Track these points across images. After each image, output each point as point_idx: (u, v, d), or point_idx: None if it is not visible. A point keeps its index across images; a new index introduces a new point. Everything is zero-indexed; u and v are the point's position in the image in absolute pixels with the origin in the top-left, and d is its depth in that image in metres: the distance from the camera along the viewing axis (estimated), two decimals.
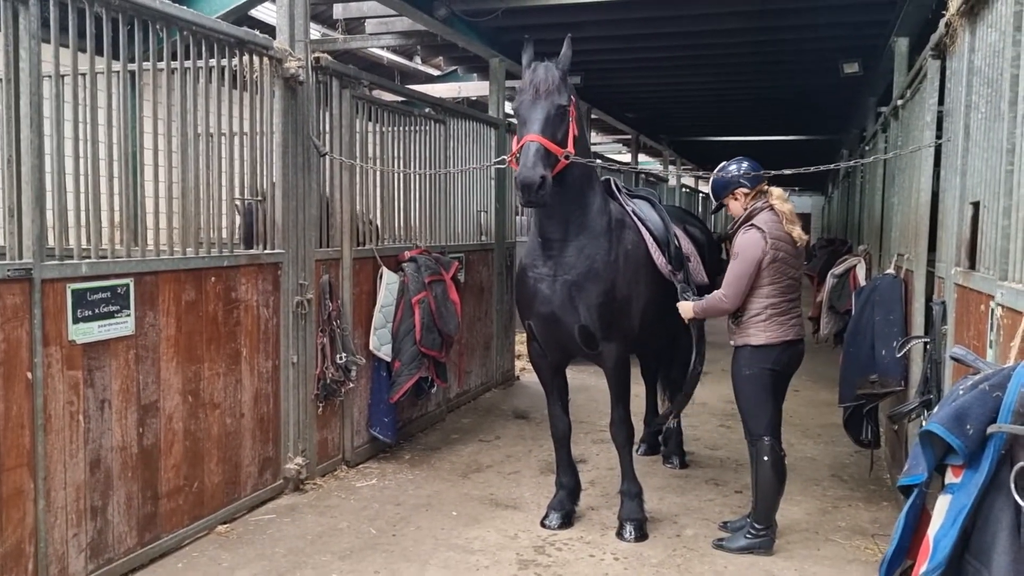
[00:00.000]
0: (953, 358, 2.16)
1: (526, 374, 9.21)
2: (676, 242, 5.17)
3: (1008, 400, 1.73)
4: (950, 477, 1.86)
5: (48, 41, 3.60)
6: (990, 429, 1.74)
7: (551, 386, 4.97)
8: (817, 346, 10.54)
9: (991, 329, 2.97)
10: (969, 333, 3.44)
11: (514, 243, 9.06)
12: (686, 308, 4.68)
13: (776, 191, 4.55)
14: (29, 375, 3.46)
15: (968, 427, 1.76)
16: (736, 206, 4.58)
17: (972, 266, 3.53)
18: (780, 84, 12.18)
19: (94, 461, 3.83)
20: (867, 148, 9.84)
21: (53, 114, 3.67)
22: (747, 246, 4.36)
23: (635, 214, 4.99)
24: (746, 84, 12.32)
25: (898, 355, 4.63)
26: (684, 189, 22.00)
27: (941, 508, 1.83)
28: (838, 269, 7.87)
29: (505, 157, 4.76)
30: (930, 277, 4.72)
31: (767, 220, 4.39)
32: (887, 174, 7.05)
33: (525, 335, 5.03)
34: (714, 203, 4.80)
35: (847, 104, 13.16)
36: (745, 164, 4.57)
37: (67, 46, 3.68)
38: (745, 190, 4.53)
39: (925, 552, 1.82)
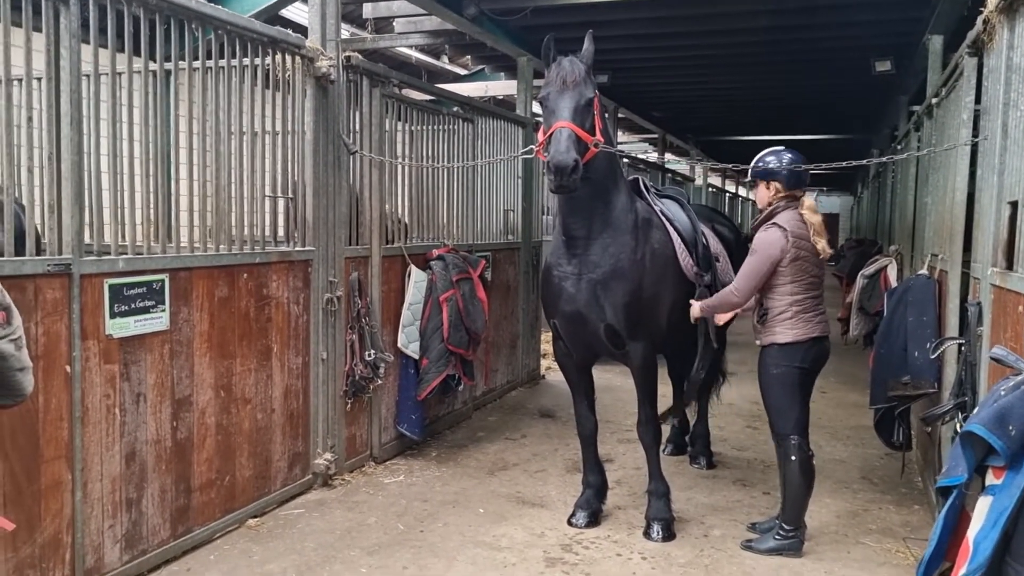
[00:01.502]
0: (993, 359, 2.13)
1: (552, 373, 9.21)
2: (704, 241, 5.14)
3: None
4: (991, 479, 1.84)
5: (87, 41, 3.67)
6: None
7: (577, 385, 4.96)
8: (846, 347, 10.45)
9: None
10: (1006, 335, 3.39)
11: (540, 242, 9.06)
12: (693, 308, 4.69)
13: (808, 202, 4.48)
14: (68, 368, 3.52)
15: (1010, 428, 1.74)
16: (765, 196, 4.51)
17: (1009, 267, 3.48)
18: (810, 83, 12.05)
19: (129, 454, 3.89)
20: (899, 147, 9.71)
21: (91, 112, 3.73)
22: (766, 244, 4.34)
23: (663, 213, 4.97)
24: (775, 83, 12.21)
25: (932, 356, 4.57)
26: (711, 189, 21.86)
27: (981, 510, 1.81)
28: (868, 270, 7.78)
29: (533, 147, 4.73)
30: (965, 278, 4.65)
31: (789, 219, 4.35)
32: (920, 174, 6.96)
33: (551, 334, 5.03)
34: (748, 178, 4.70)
35: (878, 103, 13.00)
36: (787, 157, 4.47)
37: (105, 46, 3.75)
38: (779, 184, 4.46)
39: (964, 554, 1.80)
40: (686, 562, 4.35)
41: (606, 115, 4.86)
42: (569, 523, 4.82)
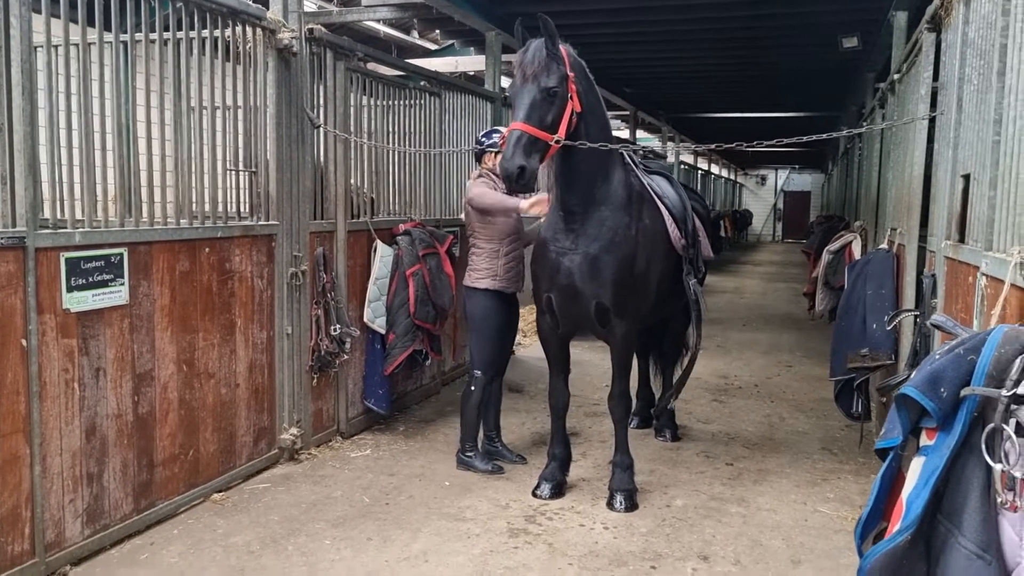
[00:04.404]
0: (934, 325, 2.18)
1: (520, 348, 9.26)
2: (694, 220, 5.20)
3: (982, 363, 1.75)
4: (924, 440, 1.89)
5: (39, 11, 3.59)
6: (963, 392, 1.77)
7: (557, 359, 4.98)
8: (812, 322, 10.60)
9: (978, 300, 2.99)
10: (957, 305, 3.47)
11: None
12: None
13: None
14: (24, 343, 3.49)
15: (942, 390, 1.79)
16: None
17: (962, 239, 3.55)
18: (779, 60, 12.09)
19: (89, 428, 3.87)
20: (864, 124, 9.81)
21: (46, 84, 3.67)
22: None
23: (652, 189, 4.99)
24: (745, 60, 12.23)
25: (888, 328, 4.66)
26: (683, 166, 21.93)
27: (915, 470, 1.86)
28: (834, 245, 7.88)
29: (497, 141, 4.90)
30: (922, 251, 4.74)
31: None
32: (883, 150, 7.05)
33: (535, 309, 5.06)
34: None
35: (846, 80, 13.09)
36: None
37: (58, 16, 3.67)
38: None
39: (899, 513, 1.85)
40: (647, 531, 4.42)
41: (595, 90, 4.83)
42: (534, 495, 4.88)
